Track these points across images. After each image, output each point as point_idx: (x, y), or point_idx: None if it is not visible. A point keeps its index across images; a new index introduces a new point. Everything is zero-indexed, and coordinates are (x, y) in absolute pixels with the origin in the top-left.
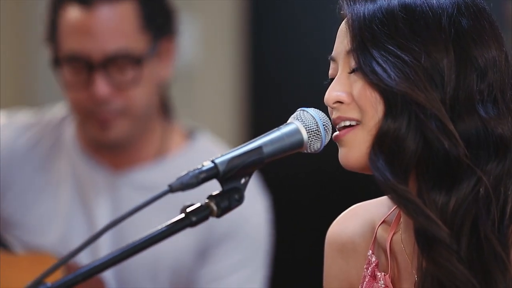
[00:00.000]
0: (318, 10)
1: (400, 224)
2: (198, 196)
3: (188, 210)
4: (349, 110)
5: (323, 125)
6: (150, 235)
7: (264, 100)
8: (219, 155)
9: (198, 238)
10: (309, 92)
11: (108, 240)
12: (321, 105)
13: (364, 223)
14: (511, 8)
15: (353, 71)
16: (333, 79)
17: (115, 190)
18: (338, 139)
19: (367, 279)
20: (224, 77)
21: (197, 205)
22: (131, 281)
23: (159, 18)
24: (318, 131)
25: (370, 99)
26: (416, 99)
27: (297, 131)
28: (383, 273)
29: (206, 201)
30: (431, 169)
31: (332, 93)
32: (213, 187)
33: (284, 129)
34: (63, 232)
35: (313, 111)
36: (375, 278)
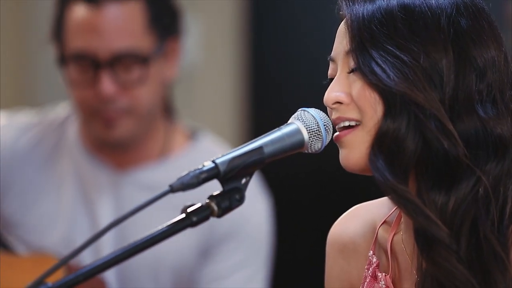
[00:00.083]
0: (318, 10)
1: (401, 224)
2: (199, 196)
3: (188, 210)
4: (349, 111)
5: (324, 125)
6: (151, 235)
7: (265, 100)
8: (220, 155)
9: (199, 238)
10: (309, 92)
11: (111, 240)
12: (321, 105)
13: (365, 223)
14: (511, 8)
15: (352, 71)
16: (332, 79)
17: (118, 189)
18: (339, 141)
19: (368, 279)
20: (224, 77)
21: (198, 205)
22: (132, 281)
23: (165, 18)
24: (319, 131)
25: (369, 100)
26: (415, 99)
27: (298, 131)
28: (384, 273)
29: (207, 201)
30: (430, 169)
31: (331, 93)
32: (213, 187)
33: (284, 129)
34: (66, 232)
35: (314, 111)
36: (376, 278)
